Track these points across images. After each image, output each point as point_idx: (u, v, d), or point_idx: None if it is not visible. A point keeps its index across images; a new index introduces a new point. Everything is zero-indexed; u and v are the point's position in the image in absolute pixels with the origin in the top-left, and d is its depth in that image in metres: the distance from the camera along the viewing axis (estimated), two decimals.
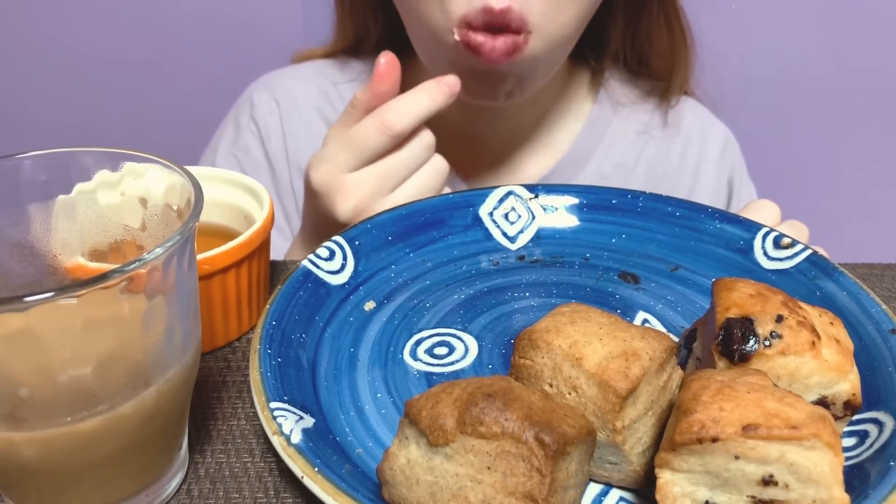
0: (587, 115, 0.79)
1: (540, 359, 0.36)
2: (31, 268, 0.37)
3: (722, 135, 0.81)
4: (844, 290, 0.46)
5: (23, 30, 1.06)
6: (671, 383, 0.37)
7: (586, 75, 0.80)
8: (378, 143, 0.56)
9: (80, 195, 0.37)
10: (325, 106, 0.79)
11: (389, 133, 0.55)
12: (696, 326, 0.41)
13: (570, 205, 0.56)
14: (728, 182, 0.81)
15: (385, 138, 0.56)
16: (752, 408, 0.31)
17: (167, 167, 0.36)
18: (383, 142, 0.56)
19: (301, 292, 0.46)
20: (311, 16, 1.02)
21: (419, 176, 0.57)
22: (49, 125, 1.13)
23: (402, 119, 0.56)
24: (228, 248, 0.44)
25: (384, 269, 0.51)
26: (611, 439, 0.34)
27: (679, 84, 0.78)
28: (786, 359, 0.36)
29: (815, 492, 0.30)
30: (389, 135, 0.56)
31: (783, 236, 0.51)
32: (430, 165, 0.58)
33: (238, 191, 0.51)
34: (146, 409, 0.32)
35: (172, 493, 0.37)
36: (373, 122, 0.56)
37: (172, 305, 0.32)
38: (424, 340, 0.46)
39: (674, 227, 0.54)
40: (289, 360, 0.41)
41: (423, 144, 0.57)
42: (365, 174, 0.56)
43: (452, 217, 0.54)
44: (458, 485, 0.31)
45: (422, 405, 0.32)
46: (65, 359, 0.30)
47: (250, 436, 0.41)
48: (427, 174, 0.58)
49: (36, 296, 0.27)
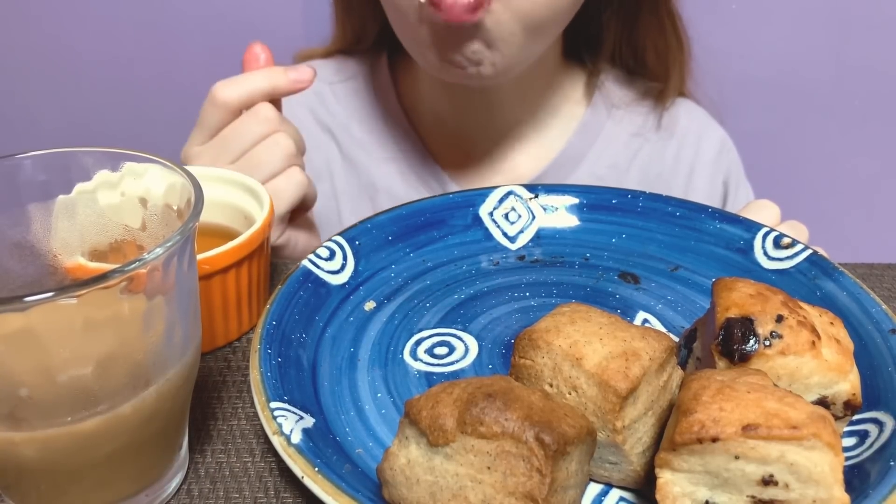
0: (581, 117, 0.79)
1: (540, 359, 0.36)
2: (31, 268, 0.37)
3: (718, 138, 0.81)
4: (844, 290, 0.46)
5: (23, 30, 1.06)
6: (671, 383, 0.37)
7: (582, 77, 0.80)
8: (210, 115, 0.57)
9: (80, 195, 0.37)
10: (318, 106, 0.79)
11: (214, 102, 0.56)
12: (696, 326, 0.41)
13: (571, 205, 0.56)
14: (723, 184, 0.81)
15: (213, 108, 0.56)
16: (752, 408, 0.31)
17: (167, 167, 0.36)
18: (213, 113, 0.57)
19: (301, 292, 0.46)
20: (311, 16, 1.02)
21: (277, 182, 0.57)
22: (49, 125, 1.13)
23: (227, 89, 0.56)
24: (228, 248, 0.44)
25: (384, 269, 0.51)
26: (611, 439, 0.34)
27: (675, 85, 0.78)
28: (786, 359, 0.36)
29: (815, 492, 0.30)
30: (214, 104, 0.56)
31: (783, 236, 0.51)
32: (286, 176, 0.57)
33: (238, 191, 0.51)
34: (146, 409, 0.32)
35: (172, 493, 0.37)
36: (207, 97, 0.57)
37: (172, 305, 0.32)
38: (424, 340, 0.46)
39: (674, 227, 0.54)
40: (289, 360, 0.41)
41: (257, 117, 0.57)
42: (205, 147, 0.58)
43: (452, 217, 0.54)
44: (458, 485, 0.31)
45: (422, 405, 0.32)
46: (65, 359, 0.30)
47: (250, 436, 0.41)
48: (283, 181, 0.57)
49: (36, 296, 0.27)
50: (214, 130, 0.57)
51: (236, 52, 1.07)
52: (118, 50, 1.07)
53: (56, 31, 1.06)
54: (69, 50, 1.07)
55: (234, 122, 0.57)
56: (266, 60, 0.59)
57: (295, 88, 0.58)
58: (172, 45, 1.06)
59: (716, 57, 0.82)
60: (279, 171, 0.57)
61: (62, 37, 1.06)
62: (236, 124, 0.57)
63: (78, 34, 1.06)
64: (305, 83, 0.58)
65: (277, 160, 0.56)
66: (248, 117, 0.57)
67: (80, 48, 1.07)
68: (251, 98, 0.57)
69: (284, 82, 0.57)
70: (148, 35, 1.06)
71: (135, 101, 1.10)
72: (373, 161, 0.78)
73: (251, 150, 0.57)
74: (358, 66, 0.81)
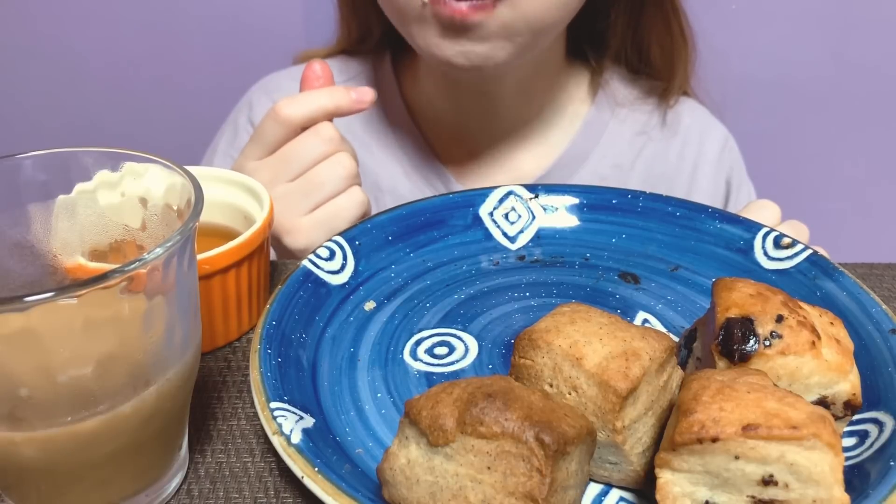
0: (585, 116, 0.79)
1: (540, 359, 0.36)
2: (31, 268, 0.37)
3: (721, 136, 0.81)
4: (844, 290, 0.46)
5: (23, 30, 1.06)
6: (671, 383, 0.37)
7: (586, 76, 0.80)
8: (271, 131, 0.57)
9: (80, 195, 0.37)
10: None
11: (276, 119, 0.56)
12: (696, 326, 0.41)
13: (571, 205, 0.56)
14: (726, 182, 0.81)
15: (275, 125, 0.56)
16: (752, 408, 0.31)
17: (167, 167, 0.36)
18: (274, 129, 0.56)
19: (301, 292, 0.46)
20: (311, 16, 1.02)
21: (339, 201, 0.57)
22: (49, 125, 1.13)
23: (290, 107, 0.56)
24: (228, 248, 0.44)
25: (384, 269, 0.51)
26: (611, 439, 0.34)
27: (678, 84, 0.78)
28: (786, 359, 0.36)
29: (815, 492, 0.30)
30: (277, 120, 0.56)
31: (783, 236, 0.51)
32: (348, 195, 0.57)
33: (238, 191, 0.51)
34: (146, 409, 0.32)
35: (172, 493, 0.37)
36: (268, 113, 0.57)
37: (172, 305, 0.32)
38: (424, 340, 0.46)
39: (674, 227, 0.54)
40: (289, 360, 0.41)
41: (319, 136, 0.57)
42: (263, 163, 0.58)
43: (452, 217, 0.54)
44: (458, 485, 0.31)
45: (422, 405, 0.32)
46: (65, 359, 0.30)
47: (250, 436, 0.41)
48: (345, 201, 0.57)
49: (36, 296, 0.27)
50: (273, 147, 0.57)
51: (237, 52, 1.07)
52: (118, 50, 1.07)
53: (56, 31, 1.06)
54: (69, 50, 1.07)
55: (294, 140, 0.57)
56: (326, 79, 0.59)
57: (357, 108, 0.58)
58: (173, 45, 1.06)
59: (716, 57, 0.82)
60: (341, 190, 0.57)
61: (62, 37, 1.06)
62: (297, 142, 0.57)
63: (78, 34, 1.06)
64: (367, 104, 0.58)
65: (339, 179, 0.57)
66: (310, 136, 0.57)
67: (80, 48, 1.07)
68: (314, 117, 0.57)
69: (347, 102, 0.57)
70: (148, 35, 1.06)
71: (135, 101, 1.10)
72: (376, 160, 0.78)
73: (313, 169, 0.57)
74: (361, 66, 0.81)
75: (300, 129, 0.57)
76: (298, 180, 0.57)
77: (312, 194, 0.56)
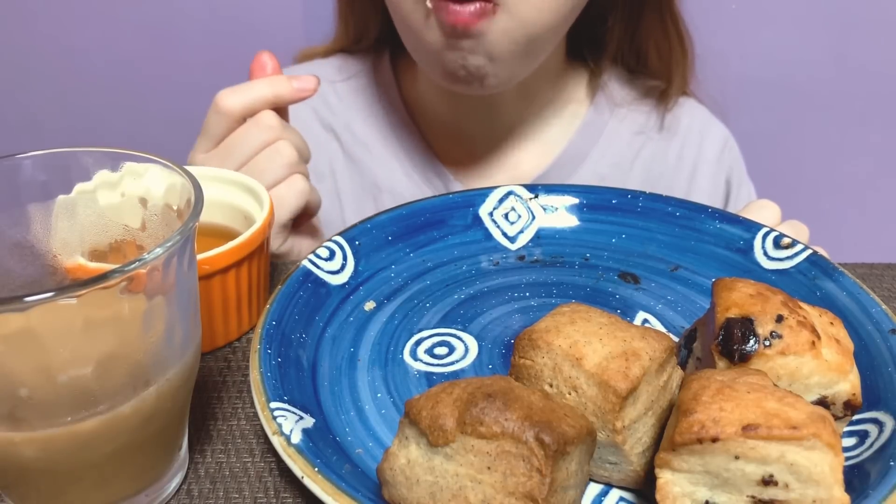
0: (583, 116, 0.79)
1: (540, 359, 0.36)
2: (31, 268, 0.37)
3: (720, 136, 0.81)
4: (844, 290, 0.46)
5: (23, 30, 1.06)
6: (671, 383, 0.37)
7: (584, 76, 0.80)
8: (214, 123, 0.57)
9: (80, 195, 0.37)
10: (320, 105, 0.79)
11: (217, 110, 0.56)
12: (696, 326, 0.41)
13: (570, 205, 0.56)
14: (726, 182, 0.81)
15: (217, 116, 0.57)
16: (752, 408, 0.31)
17: (167, 167, 0.36)
18: (217, 121, 0.57)
19: (301, 292, 0.46)
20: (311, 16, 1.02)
21: (278, 190, 0.57)
22: (49, 125, 1.13)
23: (230, 98, 0.56)
24: (228, 248, 0.44)
25: (384, 269, 0.51)
26: (611, 439, 0.34)
27: (677, 88, 0.78)
28: (786, 359, 0.36)
29: (815, 492, 0.30)
30: (218, 111, 0.56)
31: (783, 236, 0.51)
32: (288, 184, 0.57)
33: (238, 191, 0.51)
34: (146, 409, 0.32)
35: (172, 493, 0.37)
36: (211, 105, 0.57)
37: (172, 305, 0.32)
38: (424, 340, 0.46)
39: (674, 227, 0.54)
40: (289, 360, 0.41)
41: (259, 126, 0.57)
42: (209, 155, 0.58)
43: (452, 217, 0.54)
44: (458, 485, 0.31)
45: (422, 405, 0.32)
46: (65, 359, 0.30)
47: (250, 436, 0.41)
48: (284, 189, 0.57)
49: (36, 296, 0.27)
50: (219, 138, 0.57)
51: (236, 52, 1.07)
52: (118, 50, 1.07)
53: (56, 31, 1.06)
54: (69, 50, 1.07)
55: (236, 131, 0.57)
56: (273, 69, 0.59)
57: (298, 97, 0.58)
58: (172, 44, 1.06)
59: (716, 57, 0.82)
60: (281, 178, 0.57)
61: (62, 37, 1.06)
62: (238, 132, 0.57)
63: (78, 34, 1.06)
64: (309, 92, 0.58)
65: (278, 168, 0.56)
66: (250, 125, 0.57)
67: (80, 48, 1.07)
68: (254, 106, 0.57)
69: (288, 91, 0.57)
70: (148, 35, 1.06)
71: (135, 102, 1.10)
72: (375, 159, 0.78)
73: (253, 159, 0.57)
74: (360, 65, 0.81)
75: (242, 120, 0.57)
76: (241, 171, 0.57)
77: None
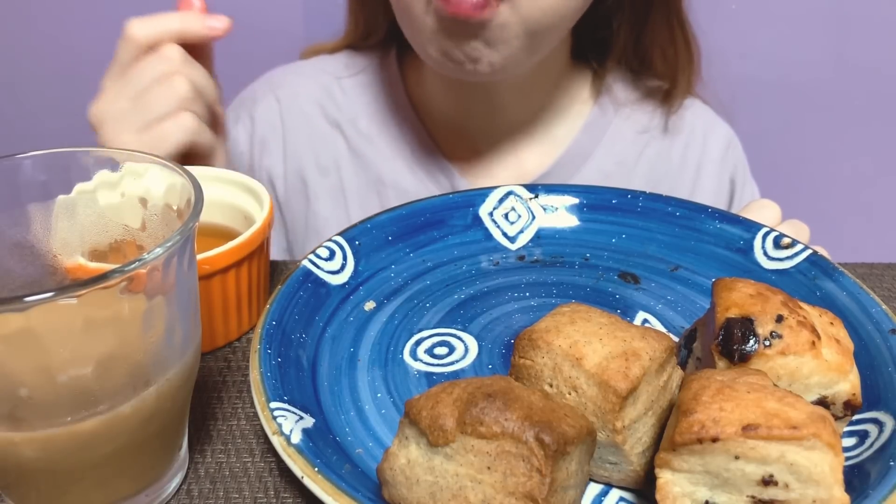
0: (587, 116, 0.79)
1: (540, 359, 0.36)
2: (31, 268, 0.37)
3: (724, 135, 0.81)
4: (844, 290, 0.46)
5: (23, 30, 1.06)
6: (671, 383, 0.37)
7: (588, 77, 0.80)
8: (122, 51, 0.57)
9: (80, 195, 0.37)
10: (325, 101, 0.79)
11: (124, 38, 0.56)
12: (696, 326, 0.41)
13: (570, 205, 0.56)
14: (730, 182, 0.81)
15: (124, 44, 0.56)
16: (752, 408, 0.31)
17: (167, 167, 0.36)
18: (124, 48, 0.57)
19: (301, 292, 0.46)
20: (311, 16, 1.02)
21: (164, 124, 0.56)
22: (49, 125, 1.13)
23: (137, 27, 0.56)
24: (228, 248, 0.44)
25: (384, 269, 0.51)
26: (611, 439, 0.34)
27: (682, 90, 0.78)
28: (786, 359, 0.36)
29: (815, 492, 0.30)
30: (125, 38, 0.56)
31: (783, 236, 0.51)
32: (175, 119, 0.56)
33: (238, 191, 0.51)
34: (146, 409, 0.32)
35: (172, 493, 0.37)
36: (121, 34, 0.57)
37: (172, 305, 0.32)
38: (424, 340, 0.46)
39: (674, 227, 0.54)
40: (289, 360, 0.41)
41: (160, 57, 0.56)
42: (112, 82, 0.58)
43: (452, 217, 0.54)
44: (458, 485, 0.31)
45: (422, 405, 0.32)
46: (65, 359, 0.30)
47: (250, 436, 0.41)
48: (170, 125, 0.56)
49: (36, 296, 0.27)
50: (125, 67, 0.57)
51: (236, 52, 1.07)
52: None
53: (56, 31, 1.06)
54: (69, 50, 1.07)
55: (139, 60, 0.57)
56: (199, 9, 0.59)
57: (207, 34, 0.57)
58: None
59: (716, 57, 0.82)
60: (168, 113, 0.56)
61: (62, 37, 1.06)
62: (139, 61, 0.57)
63: (78, 34, 1.06)
64: (219, 31, 0.58)
65: (167, 101, 0.56)
66: (152, 56, 0.56)
67: (80, 48, 1.07)
68: (159, 37, 0.56)
69: (198, 27, 0.57)
70: None
71: None
72: (380, 155, 0.78)
73: (147, 89, 0.56)
74: (367, 61, 0.81)
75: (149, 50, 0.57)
76: (134, 99, 0.56)
77: (142, 114, 0.55)
